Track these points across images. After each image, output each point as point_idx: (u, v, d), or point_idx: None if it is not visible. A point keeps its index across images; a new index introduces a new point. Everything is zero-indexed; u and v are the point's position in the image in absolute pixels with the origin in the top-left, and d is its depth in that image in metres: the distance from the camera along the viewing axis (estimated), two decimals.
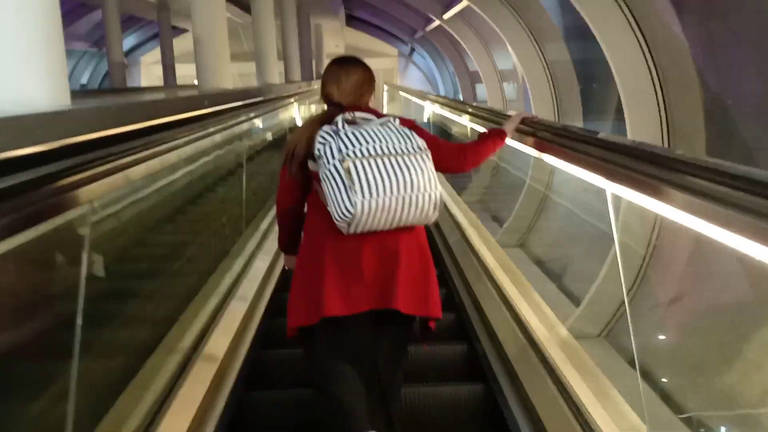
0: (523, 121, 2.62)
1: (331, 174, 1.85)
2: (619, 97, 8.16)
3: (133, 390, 1.95)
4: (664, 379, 3.35)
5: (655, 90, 5.57)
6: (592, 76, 8.70)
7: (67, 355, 1.45)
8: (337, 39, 19.96)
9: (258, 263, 3.74)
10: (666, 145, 5.43)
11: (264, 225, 4.30)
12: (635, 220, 4.54)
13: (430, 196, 1.88)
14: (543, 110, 8.63)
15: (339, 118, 1.97)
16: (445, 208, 5.60)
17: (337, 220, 1.87)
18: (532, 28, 8.49)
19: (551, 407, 2.16)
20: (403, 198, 1.85)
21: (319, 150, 1.90)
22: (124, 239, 2.29)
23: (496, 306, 3.12)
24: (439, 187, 1.91)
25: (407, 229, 1.97)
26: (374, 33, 21.18)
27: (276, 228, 2.35)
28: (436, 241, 4.85)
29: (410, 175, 1.85)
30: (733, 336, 3.18)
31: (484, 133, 2.46)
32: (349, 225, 1.86)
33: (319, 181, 1.94)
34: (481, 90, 15.47)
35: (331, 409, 1.94)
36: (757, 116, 4.88)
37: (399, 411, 2.12)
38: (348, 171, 1.82)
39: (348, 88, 2.12)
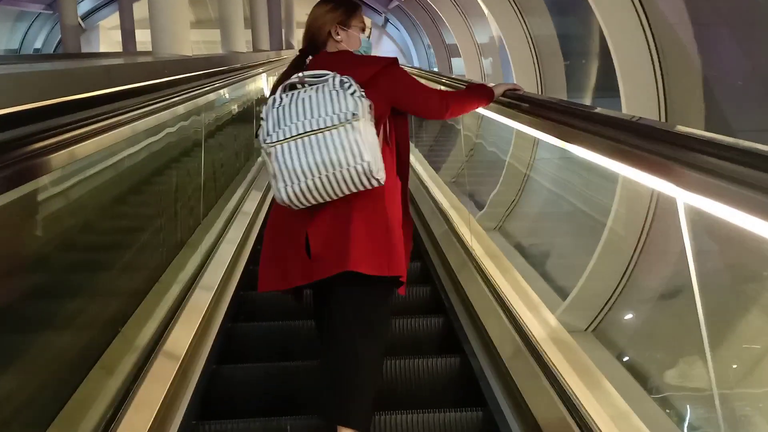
0: (506, 93, 2.45)
1: (264, 159, 1.87)
2: (602, 74, 7.83)
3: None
4: None
5: (653, 65, 5.20)
6: (576, 51, 8.34)
7: None
8: (307, 7, 19.13)
9: (219, 257, 3.27)
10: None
11: (226, 212, 3.80)
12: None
13: (356, 169, 1.79)
14: (526, 85, 8.20)
15: (280, 88, 1.93)
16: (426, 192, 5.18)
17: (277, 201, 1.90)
18: (517, 0, 8.04)
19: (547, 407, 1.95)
20: (327, 177, 1.80)
21: (259, 129, 1.88)
22: (55, 229, 1.80)
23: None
24: (367, 156, 1.78)
25: (361, 195, 1.90)
26: None
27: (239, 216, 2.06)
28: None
29: (329, 154, 1.78)
30: None
31: (472, 85, 2.38)
32: (288, 205, 1.88)
33: None
34: (457, 64, 14.99)
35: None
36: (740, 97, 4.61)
37: (376, 385, 2.03)
38: (272, 157, 1.83)
39: (305, 32, 2.13)
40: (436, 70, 15.90)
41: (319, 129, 1.79)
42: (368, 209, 1.93)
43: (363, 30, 2.15)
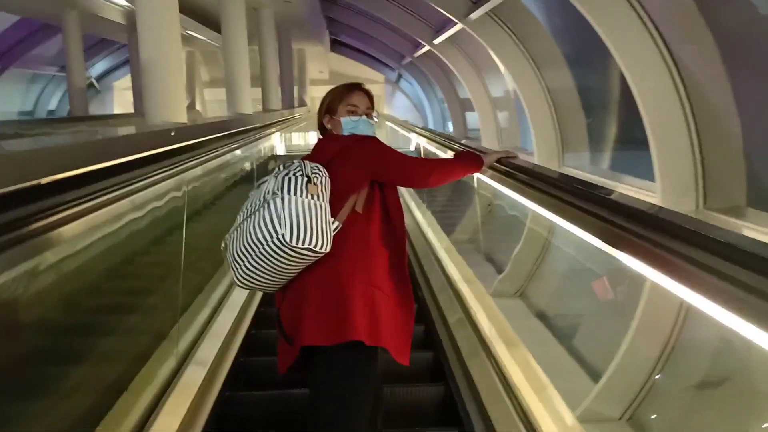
0: (500, 160, 2.42)
1: None
2: (626, 126, 7.45)
3: None
4: None
5: (687, 121, 4.79)
6: (597, 103, 8.00)
7: None
8: (321, 64, 19.26)
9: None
10: (700, 190, 4.66)
11: (208, 308, 3.31)
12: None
13: (273, 243, 1.85)
14: (544, 139, 7.89)
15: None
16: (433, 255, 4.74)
17: None
18: (533, 54, 7.76)
19: None
20: (255, 256, 1.88)
21: None
22: None
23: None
24: (281, 229, 1.83)
25: (317, 264, 1.92)
26: (360, 59, 20.50)
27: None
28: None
29: (251, 234, 1.88)
30: None
31: (461, 152, 2.40)
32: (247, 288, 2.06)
33: None
34: (472, 118, 14.77)
35: None
36: None
37: None
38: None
39: None
40: (449, 126, 15.68)
41: (251, 214, 1.92)
42: (323, 277, 1.93)
43: (355, 112, 2.20)
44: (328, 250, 1.88)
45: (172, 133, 2.64)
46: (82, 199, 1.58)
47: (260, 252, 1.86)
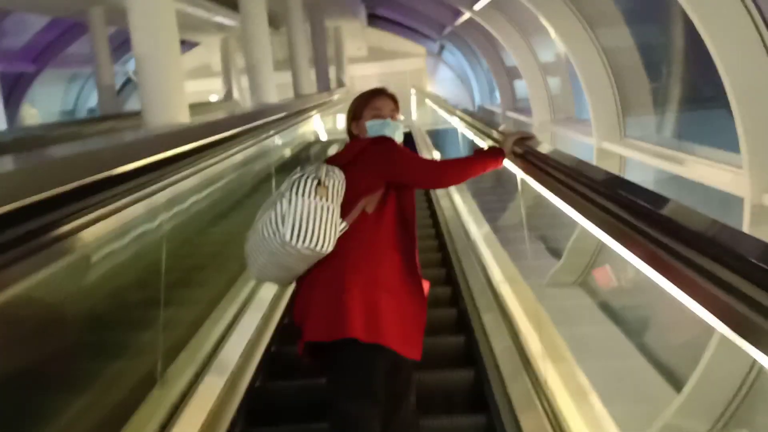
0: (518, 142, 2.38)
1: None
2: (690, 86, 6.56)
3: None
4: None
5: None
6: (658, 63, 7.13)
7: None
8: (358, 41, 18.59)
9: None
10: None
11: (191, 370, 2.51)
12: None
13: (275, 240, 1.94)
14: (601, 106, 7.08)
15: None
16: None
17: None
18: (584, 12, 6.93)
19: None
20: (265, 252, 1.99)
21: None
22: None
23: None
24: (283, 228, 1.91)
25: (325, 262, 1.99)
26: (399, 32, 19.70)
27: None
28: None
29: (261, 231, 1.98)
30: None
31: (480, 149, 2.43)
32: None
33: None
34: (521, 87, 13.88)
35: None
36: None
37: None
38: None
39: None
40: (497, 96, 14.81)
41: (264, 212, 2.03)
42: (328, 275, 2.00)
43: (379, 115, 2.26)
44: (329, 250, 1.94)
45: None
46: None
47: (266, 248, 1.97)
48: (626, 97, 7.12)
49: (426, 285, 2.11)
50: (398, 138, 2.24)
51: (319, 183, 1.97)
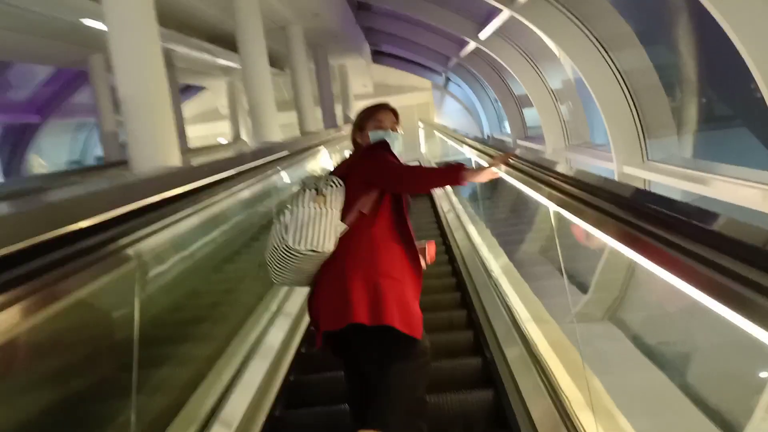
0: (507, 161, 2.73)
1: None
2: (706, 105, 6.23)
3: None
4: None
5: None
6: (674, 83, 6.82)
7: None
8: (364, 78, 18.51)
9: None
10: None
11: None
12: None
13: (283, 248, 2.16)
14: (620, 130, 6.72)
15: None
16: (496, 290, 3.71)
17: None
18: (598, 34, 6.64)
19: None
20: (277, 257, 2.21)
21: None
22: None
23: None
24: (287, 234, 2.16)
25: (330, 261, 2.21)
26: (404, 67, 19.61)
27: None
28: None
29: (272, 243, 2.21)
30: None
31: (446, 165, 2.49)
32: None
33: None
34: (531, 115, 13.60)
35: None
36: None
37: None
38: None
39: None
40: (506, 126, 14.54)
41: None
42: (333, 272, 2.20)
43: (380, 127, 2.52)
44: (331, 249, 2.18)
45: None
46: None
47: (278, 256, 2.19)
48: (646, 119, 6.77)
49: (431, 246, 2.42)
50: (398, 147, 2.48)
51: (318, 192, 2.23)
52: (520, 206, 6.19)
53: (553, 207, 2.24)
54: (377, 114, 2.53)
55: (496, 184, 5.71)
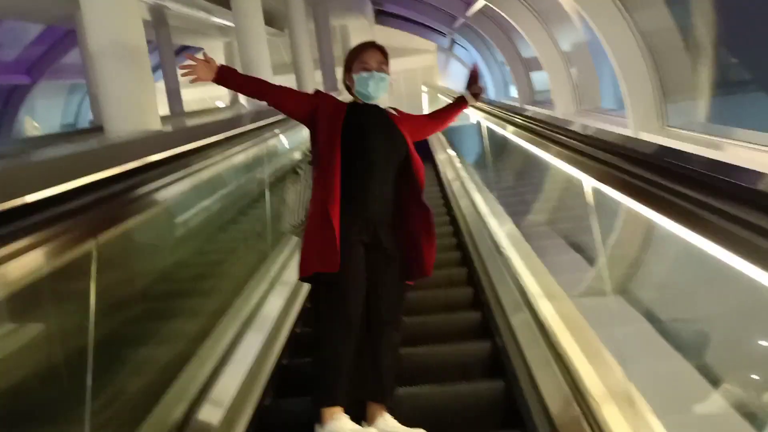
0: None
1: None
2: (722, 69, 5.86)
3: None
4: None
5: None
6: (703, 44, 6.37)
7: None
8: (366, 39, 17.89)
9: None
10: None
11: None
12: None
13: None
14: (641, 90, 6.32)
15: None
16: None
17: None
18: None
19: None
20: None
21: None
22: None
23: None
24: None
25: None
26: (408, 28, 18.96)
27: None
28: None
29: None
30: None
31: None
32: None
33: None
34: (539, 78, 13.11)
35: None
36: None
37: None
38: None
39: None
40: (511, 90, 14.05)
41: None
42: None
43: (366, 68, 2.34)
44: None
45: None
46: None
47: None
48: (666, 82, 6.36)
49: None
50: (383, 90, 2.33)
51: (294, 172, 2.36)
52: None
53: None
54: (362, 54, 2.35)
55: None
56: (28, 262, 1.31)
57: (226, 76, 2.30)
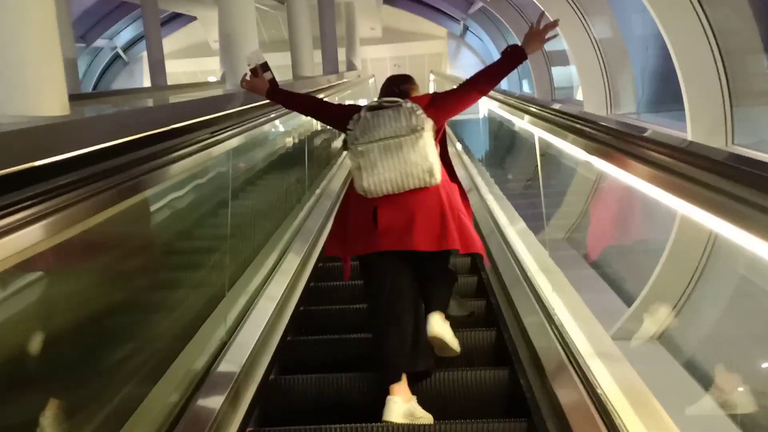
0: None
1: (354, 155, 2.49)
2: None
3: None
4: None
5: None
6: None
7: None
8: (372, 20, 16.67)
9: None
10: None
11: None
12: None
13: (422, 167, 2.43)
14: (706, 96, 5.25)
15: (364, 108, 2.56)
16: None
17: (357, 190, 2.53)
18: None
19: None
20: (400, 171, 2.44)
21: (347, 131, 2.52)
22: None
23: None
24: (431, 158, 2.43)
25: (421, 190, 2.49)
26: (418, 10, 17.73)
27: None
28: None
29: (404, 154, 2.43)
30: None
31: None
32: (365, 192, 2.50)
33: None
34: (559, 74, 12.01)
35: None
36: None
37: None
38: (360, 154, 2.46)
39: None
40: (525, 86, 12.95)
41: (396, 136, 2.45)
42: (428, 202, 2.49)
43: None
44: None
45: None
46: None
47: (407, 169, 2.50)
48: (738, 81, 5.28)
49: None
50: None
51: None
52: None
53: None
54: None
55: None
56: None
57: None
